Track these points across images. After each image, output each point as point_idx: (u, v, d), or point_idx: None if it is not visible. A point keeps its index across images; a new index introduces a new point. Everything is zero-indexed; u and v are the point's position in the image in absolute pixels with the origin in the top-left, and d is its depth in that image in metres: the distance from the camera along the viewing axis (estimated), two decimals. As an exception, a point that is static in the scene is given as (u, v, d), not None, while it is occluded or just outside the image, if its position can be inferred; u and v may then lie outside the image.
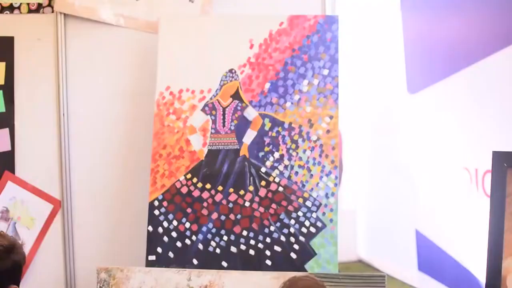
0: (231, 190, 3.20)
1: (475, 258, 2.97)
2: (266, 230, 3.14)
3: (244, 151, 3.23)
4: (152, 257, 3.17)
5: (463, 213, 3.13)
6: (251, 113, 3.25)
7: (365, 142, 3.84)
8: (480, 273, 2.84)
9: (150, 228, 3.20)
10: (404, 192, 3.68)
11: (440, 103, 3.29)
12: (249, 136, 3.23)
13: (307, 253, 3.11)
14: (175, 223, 3.20)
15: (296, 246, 3.12)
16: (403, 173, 3.58)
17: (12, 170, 3.42)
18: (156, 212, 3.22)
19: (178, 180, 3.25)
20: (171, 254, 3.18)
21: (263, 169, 3.20)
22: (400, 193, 3.73)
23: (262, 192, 3.17)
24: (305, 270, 3.08)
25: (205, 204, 3.20)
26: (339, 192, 3.26)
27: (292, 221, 3.13)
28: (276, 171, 3.18)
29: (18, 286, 2.74)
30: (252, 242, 3.15)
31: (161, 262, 3.16)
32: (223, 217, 3.18)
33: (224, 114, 3.27)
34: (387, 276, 2.98)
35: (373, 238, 3.46)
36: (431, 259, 3.42)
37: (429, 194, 3.49)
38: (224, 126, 3.26)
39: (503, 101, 2.93)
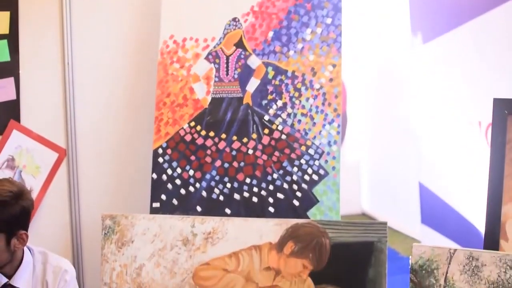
0: (235, 137, 3.21)
1: (478, 211, 2.99)
2: (269, 178, 3.16)
3: (247, 99, 3.23)
4: (156, 204, 3.21)
5: (467, 166, 3.14)
6: (254, 62, 3.25)
7: (369, 95, 3.83)
8: (483, 226, 2.86)
9: (154, 176, 3.23)
10: (408, 145, 3.68)
11: (445, 56, 3.29)
12: (252, 84, 3.24)
13: (309, 201, 3.13)
14: (179, 170, 3.22)
15: (298, 194, 3.13)
16: (407, 126, 3.58)
17: (17, 119, 3.44)
18: (160, 159, 3.25)
19: (182, 128, 3.27)
20: (175, 201, 3.21)
21: (266, 117, 3.21)
22: (404, 146, 3.73)
23: (265, 139, 3.18)
24: (307, 217, 3.10)
25: (208, 151, 3.22)
26: (343, 145, 3.27)
27: (295, 169, 3.15)
28: (279, 119, 3.19)
29: (27, 231, 2.80)
30: (255, 189, 3.17)
31: (165, 209, 3.19)
32: (226, 165, 3.20)
33: (227, 63, 3.27)
34: (390, 229, 3.01)
35: (376, 191, 3.48)
36: (434, 212, 3.43)
37: (433, 147, 3.50)
38: (227, 74, 3.26)
39: (507, 54, 2.93)
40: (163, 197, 3.22)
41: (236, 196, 3.18)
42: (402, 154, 3.75)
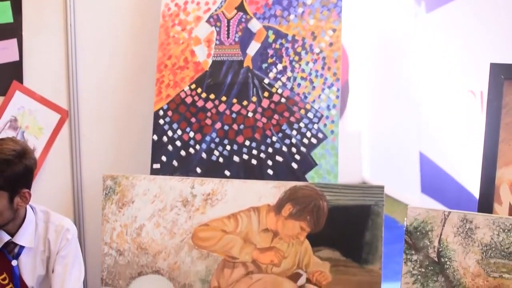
0: (235, 100, 3.24)
1: (478, 181, 3.01)
2: (268, 140, 3.19)
3: (247, 63, 3.25)
4: (156, 165, 3.24)
5: (468, 136, 3.16)
6: (255, 25, 3.26)
7: (371, 64, 3.83)
8: (481, 194, 2.89)
9: (155, 137, 3.27)
10: (409, 115, 3.69)
11: (448, 25, 3.29)
12: (253, 47, 3.25)
13: (308, 164, 3.16)
14: (179, 132, 3.25)
15: (297, 157, 3.17)
16: (408, 95, 3.59)
17: (20, 80, 3.46)
18: (161, 121, 3.28)
19: (183, 90, 3.29)
20: (175, 163, 3.24)
21: (266, 80, 3.23)
22: (405, 115, 3.74)
23: (265, 103, 3.21)
24: (305, 180, 3.13)
25: (209, 114, 3.25)
26: (344, 114, 3.29)
27: (294, 132, 3.18)
28: (279, 83, 3.21)
29: (29, 190, 2.83)
30: (255, 152, 3.20)
31: (165, 170, 3.23)
32: (226, 127, 3.23)
33: (228, 26, 3.29)
34: (390, 198, 3.03)
35: (377, 160, 3.49)
36: (434, 181, 3.46)
37: (434, 117, 3.51)
38: (228, 37, 3.28)
39: (507, 22, 2.93)
40: (164, 158, 3.25)
41: (236, 158, 3.21)
42: (403, 123, 3.76)
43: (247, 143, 3.21)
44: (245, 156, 3.21)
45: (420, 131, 3.63)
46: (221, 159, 3.22)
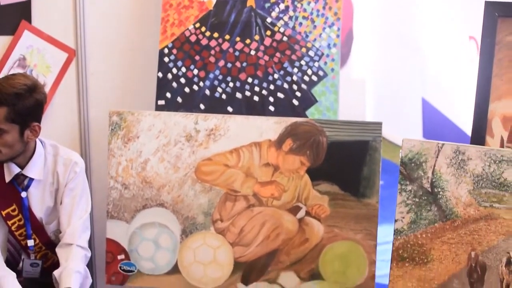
0: (238, 39, 3.29)
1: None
2: (270, 78, 3.25)
3: (251, 2, 3.30)
4: (161, 102, 3.30)
5: (470, 82, 3.19)
6: (258, -35, 3.30)
7: (374, 12, 3.85)
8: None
9: (160, 75, 3.32)
10: (412, 61, 3.71)
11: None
12: (256, -13, 3.29)
13: (308, 100, 3.22)
14: (183, 69, 3.31)
15: (298, 94, 3.23)
16: (411, 43, 3.60)
17: (28, 19, 3.48)
18: (166, 59, 3.33)
19: (187, 29, 3.34)
20: (179, 99, 3.31)
21: (268, 20, 3.27)
22: (408, 62, 3.76)
23: (267, 41, 3.26)
24: (306, 116, 3.20)
25: (212, 52, 3.30)
26: (348, 62, 3.33)
27: (295, 70, 3.24)
28: (281, 22, 3.25)
29: (39, 123, 2.90)
30: (257, 88, 3.26)
31: (170, 106, 3.29)
32: (229, 65, 3.28)
33: (232, -34, 3.32)
34: (393, 144, 3.08)
35: (380, 107, 3.54)
36: (436, 127, 3.52)
37: (436, 63, 3.54)
38: (232, -23, 3.32)
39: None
40: (168, 95, 3.31)
41: (238, 95, 3.28)
42: (406, 70, 3.79)
43: (250, 80, 3.26)
44: (247, 93, 3.27)
45: (423, 78, 3.65)
46: (224, 96, 3.28)
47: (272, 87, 3.24)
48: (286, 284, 3.09)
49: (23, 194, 2.99)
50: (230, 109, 3.27)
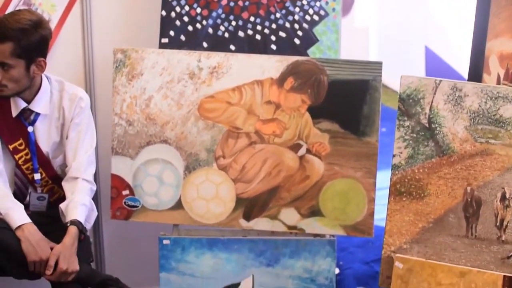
0: (241, -22, 3.31)
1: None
2: (272, 17, 3.28)
3: None
4: (165, 40, 3.33)
5: (472, 30, 3.22)
6: None
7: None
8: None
9: (164, 13, 3.34)
10: (415, 10, 3.74)
11: None
12: None
13: (310, 40, 3.26)
14: (186, 8, 3.32)
15: (299, 33, 3.27)
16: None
17: (33, -43, 3.50)
18: (169, -3, 3.35)
19: (191, -33, 3.35)
20: (182, 37, 3.33)
21: (271, -42, 3.29)
22: (412, 10, 3.78)
23: (270, -20, 3.29)
24: (307, 55, 3.25)
25: (215, -10, 3.31)
26: (352, 10, 3.35)
27: (297, 9, 3.27)
28: (284, -39, 3.28)
29: (45, 59, 2.94)
30: (259, 27, 3.30)
31: (173, 44, 3.31)
32: (232, 3, 3.30)
33: None
34: (395, 92, 3.12)
35: (384, 54, 3.57)
36: (438, 74, 3.53)
37: (439, 11, 3.56)
38: None
39: None
40: (171, 33, 3.33)
41: (241, 34, 3.31)
42: (410, 18, 3.82)
43: (252, 19, 3.29)
44: (250, 32, 3.30)
45: (426, 26, 3.69)
46: (226, 34, 3.31)
47: (274, 26, 3.28)
48: (286, 220, 3.16)
49: (30, 129, 3.05)
50: (232, 47, 3.30)
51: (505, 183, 2.70)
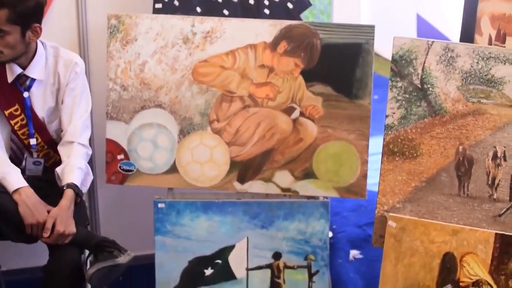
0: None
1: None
2: (264, -14, 3.29)
3: None
4: (158, 5, 3.33)
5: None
6: None
7: None
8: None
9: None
10: None
11: None
12: None
13: (302, 3, 3.29)
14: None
15: (292, -3, 3.28)
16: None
17: None
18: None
19: None
20: (176, 2, 3.33)
21: None
22: None
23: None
24: (300, 19, 3.28)
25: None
26: None
27: (289, -25, 3.28)
28: None
29: (40, 25, 2.95)
30: (251, -7, 3.30)
31: (167, 9, 3.31)
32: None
33: None
34: (387, 60, 3.14)
35: (376, 22, 3.58)
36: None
37: None
38: None
39: None
40: (165, -3, 3.33)
41: (234, -2, 3.31)
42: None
43: (245, -17, 3.29)
44: (243, -4, 3.30)
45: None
46: (220, -1, 3.32)
47: (265, -3, 3.27)
48: (280, 182, 3.20)
49: (25, 94, 3.07)
50: (226, 12, 3.31)
51: (496, 142, 2.74)
